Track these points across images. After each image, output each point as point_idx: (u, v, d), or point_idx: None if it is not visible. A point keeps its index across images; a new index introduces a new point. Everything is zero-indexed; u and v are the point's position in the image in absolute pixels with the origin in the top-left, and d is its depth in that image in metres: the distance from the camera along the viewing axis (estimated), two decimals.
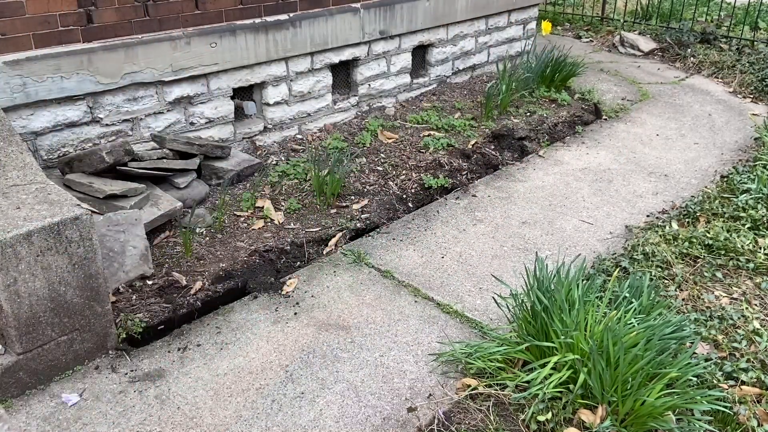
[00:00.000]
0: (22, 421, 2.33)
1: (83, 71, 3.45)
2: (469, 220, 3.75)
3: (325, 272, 3.23)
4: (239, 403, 2.43)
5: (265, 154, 4.34)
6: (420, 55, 5.45)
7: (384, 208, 3.83)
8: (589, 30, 7.87)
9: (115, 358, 2.64)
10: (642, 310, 2.59)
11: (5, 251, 2.23)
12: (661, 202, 3.99)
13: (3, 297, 2.28)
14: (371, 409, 2.41)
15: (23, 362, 2.41)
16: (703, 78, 6.28)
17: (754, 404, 2.38)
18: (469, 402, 2.42)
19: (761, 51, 6.50)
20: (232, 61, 4.04)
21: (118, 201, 3.24)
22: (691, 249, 3.31)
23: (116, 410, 2.39)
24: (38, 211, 2.37)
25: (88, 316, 2.54)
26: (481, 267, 3.30)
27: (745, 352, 2.62)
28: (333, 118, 4.84)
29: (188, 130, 4.03)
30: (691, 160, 4.56)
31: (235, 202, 3.77)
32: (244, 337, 2.77)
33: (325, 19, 4.43)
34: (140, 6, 3.64)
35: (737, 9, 7.55)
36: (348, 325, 2.86)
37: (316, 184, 3.78)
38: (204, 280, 3.07)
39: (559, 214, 3.84)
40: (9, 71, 3.21)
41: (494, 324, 2.87)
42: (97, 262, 2.50)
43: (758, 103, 5.66)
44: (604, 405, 2.27)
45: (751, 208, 3.64)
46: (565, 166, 4.47)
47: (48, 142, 3.47)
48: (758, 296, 3.01)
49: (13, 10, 3.23)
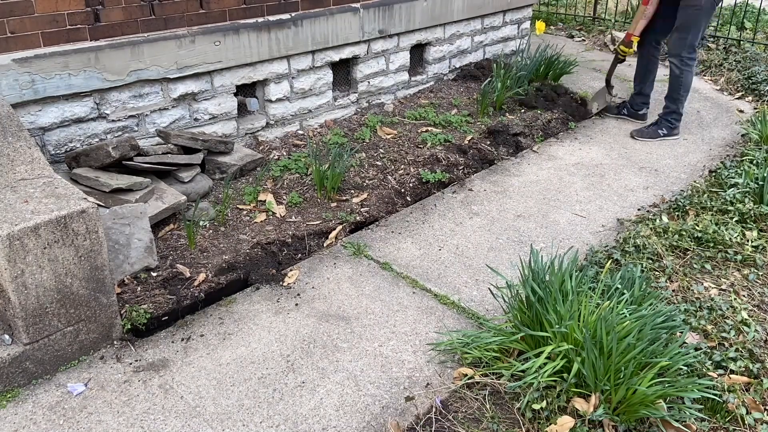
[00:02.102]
0: (28, 410, 2.36)
1: (90, 68, 3.49)
2: (465, 214, 3.80)
3: (325, 264, 3.28)
4: (241, 392, 2.47)
5: (267, 149, 4.38)
6: (418, 54, 5.49)
7: (383, 201, 3.87)
8: (582, 30, 7.91)
9: (120, 348, 2.67)
10: (634, 301, 2.62)
11: (13, 244, 2.26)
12: (651, 196, 4.04)
13: (11, 288, 2.31)
14: (370, 397, 2.45)
15: (30, 352, 2.44)
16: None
17: (742, 392, 2.41)
18: (466, 391, 2.46)
19: (747, 50, 6.56)
20: (235, 59, 4.08)
21: (124, 195, 3.28)
22: (681, 241, 3.36)
23: (121, 399, 2.42)
24: (46, 204, 2.41)
25: (93, 307, 2.57)
26: (478, 259, 3.35)
27: (734, 341, 2.66)
28: (333, 114, 4.89)
29: (192, 126, 4.07)
30: (680, 156, 4.62)
31: (238, 195, 3.81)
32: (246, 328, 2.81)
33: (325, 19, 4.48)
34: (146, 5, 3.68)
35: (724, 9, 7.63)
36: (348, 315, 2.90)
37: (317, 179, 3.83)
38: (207, 272, 3.11)
39: (552, 207, 3.89)
40: (18, 68, 3.25)
41: (490, 314, 2.91)
42: (103, 254, 2.53)
43: (744, 101, 5.71)
44: (597, 393, 2.30)
45: (738, 202, 3.69)
46: (559, 161, 4.52)
47: (55, 138, 3.52)
48: (746, 287, 3.05)
49: (22, 9, 3.27)
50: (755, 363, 2.55)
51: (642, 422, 2.29)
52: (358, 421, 2.34)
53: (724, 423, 2.32)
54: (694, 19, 4.45)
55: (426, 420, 2.34)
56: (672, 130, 4.84)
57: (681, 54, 4.59)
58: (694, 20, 4.45)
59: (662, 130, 4.84)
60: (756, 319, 2.81)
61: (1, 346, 2.44)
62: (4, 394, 2.42)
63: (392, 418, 2.35)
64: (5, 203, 2.40)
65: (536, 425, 2.30)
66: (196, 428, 2.31)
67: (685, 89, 4.69)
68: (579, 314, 2.48)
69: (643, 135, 4.86)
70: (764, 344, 2.67)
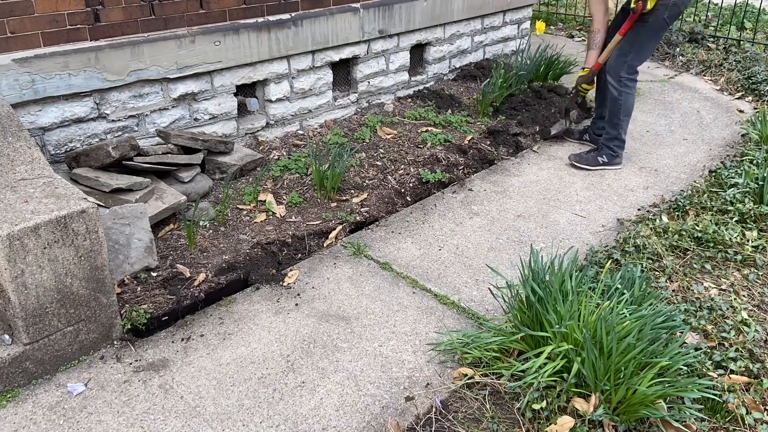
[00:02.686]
0: (28, 410, 2.36)
1: (90, 68, 3.49)
2: (465, 214, 3.80)
3: (325, 264, 3.28)
4: (241, 392, 2.47)
5: (267, 149, 4.38)
6: (418, 54, 5.49)
7: (383, 201, 3.87)
8: (582, 30, 7.91)
9: (120, 348, 2.67)
10: (633, 301, 2.62)
11: (13, 244, 2.25)
12: (651, 196, 4.04)
13: (11, 288, 2.31)
14: (370, 398, 2.45)
15: (30, 352, 2.44)
16: (692, 76, 6.33)
17: (742, 392, 2.41)
18: (466, 391, 2.46)
19: (747, 50, 6.57)
20: (235, 59, 4.08)
21: (124, 195, 3.28)
22: (681, 241, 3.36)
23: (121, 399, 2.42)
24: (46, 204, 2.40)
25: (93, 307, 2.57)
26: (478, 259, 3.35)
27: (734, 341, 2.66)
28: (333, 114, 4.89)
29: (192, 126, 4.07)
30: (680, 156, 4.62)
31: (238, 195, 3.81)
32: (246, 328, 2.81)
33: (325, 19, 4.48)
34: (146, 5, 3.68)
35: (724, 9, 7.63)
36: (348, 315, 2.90)
37: (317, 179, 3.83)
38: (207, 272, 3.11)
39: (552, 207, 3.89)
40: (18, 68, 3.25)
41: (490, 315, 2.91)
42: (103, 254, 2.53)
43: (744, 101, 5.71)
44: (597, 393, 2.30)
45: (738, 202, 3.69)
46: (559, 161, 4.52)
47: (55, 138, 3.52)
48: (746, 287, 3.05)
49: (22, 9, 3.27)
50: (755, 363, 2.55)
51: (642, 422, 2.29)
52: (358, 421, 2.34)
53: (724, 423, 2.32)
54: (639, 38, 4.03)
55: (426, 420, 2.34)
56: (613, 158, 4.35)
57: (620, 74, 4.12)
58: (638, 39, 4.03)
59: (602, 158, 4.35)
60: (756, 319, 2.81)
61: (1, 346, 2.43)
62: (4, 394, 2.42)
63: (392, 418, 2.35)
64: (5, 203, 2.40)
65: (536, 425, 2.30)
66: (196, 428, 2.31)
67: (625, 113, 4.23)
68: (579, 314, 2.48)
69: (581, 161, 4.38)
70: (764, 344, 2.67)
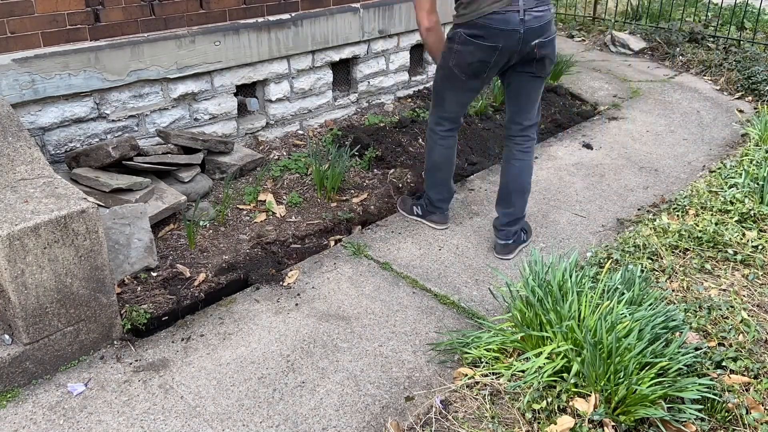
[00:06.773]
0: (28, 410, 2.36)
1: (90, 68, 3.49)
2: (465, 213, 3.80)
3: (325, 264, 3.28)
4: (241, 392, 2.47)
5: (267, 149, 4.39)
6: (418, 54, 5.49)
7: (383, 201, 3.88)
8: (581, 29, 7.92)
9: (120, 348, 2.67)
10: (633, 301, 2.61)
11: (13, 244, 2.25)
12: (651, 195, 4.04)
13: (11, 288, 2.31)
14: (370, 397, 2.45)
15: (30, 352, 2.44)
16: (692, 76, 6.33)
17: (742, 392, 2.41)
18: (466, 391, 2.45)
19: (747, 50, 6.57)
20: (235, 59, 4.09)
21: (124, 195, 3.29)
22: (681, 241, 3.35)
23: (121, 399, 2.42)
24: (46, 204, 2.40)
25: (93, 307, 2.57)
26: (477, 259, 3.35)
27: (734, 341, 2.65)
28: (333, 114, 4.89)
29: (192, 126, 4.07)
30: (680, 155, 4.62)
31: (238, 195, 3.81)
32: (246, 328, 2.81)
33: (325, 19, 4.48)
34: (146, 5, 3.69)
35: (724, 9, 7.64)
36: (348, 315, 2.90)
37: (317, 179, 3.83)
38: (207, 272, 3.12)
39: (552, 207, 3.89)
40: (18, 68, 3.26)
41: (490, 314, 2.91)
42: (103, 254, 2.53)
43: (744, 100, 5.71)
44: (597, 393, 2.29)
45: (738, 202, 3.68)
46: (558, 161, 4.52)
47: (55, 138, 3.52)
48: (746, 287, 3.05)
49: (22, 9, 3.27)
50: (755, 363, 2.54)
51: (642, 422, 2.28)
52: (358, 421, 2.34)
53: (724, 423, 2.32)
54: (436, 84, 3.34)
55: (426, 420, 2.34)
56: (426, 214, 3.66)
57: (429, 123, 3.45)
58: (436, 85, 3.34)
59: (417, 209, 3.70)
60: (756, 319, 2.81)
61: (1, 346, 2.44)
62: (4, 394, 2.42)
63: (392, 418, 2.35)
64: (5, 203, 2.40)
65: (536, 425, 2.30)
66: (196, 428, 2.31)
67: (432, 166, 3.48)
68: (579, 314, 2.48)
69: (402, 206, 3.80)
70: (764, 344, 2.67)
